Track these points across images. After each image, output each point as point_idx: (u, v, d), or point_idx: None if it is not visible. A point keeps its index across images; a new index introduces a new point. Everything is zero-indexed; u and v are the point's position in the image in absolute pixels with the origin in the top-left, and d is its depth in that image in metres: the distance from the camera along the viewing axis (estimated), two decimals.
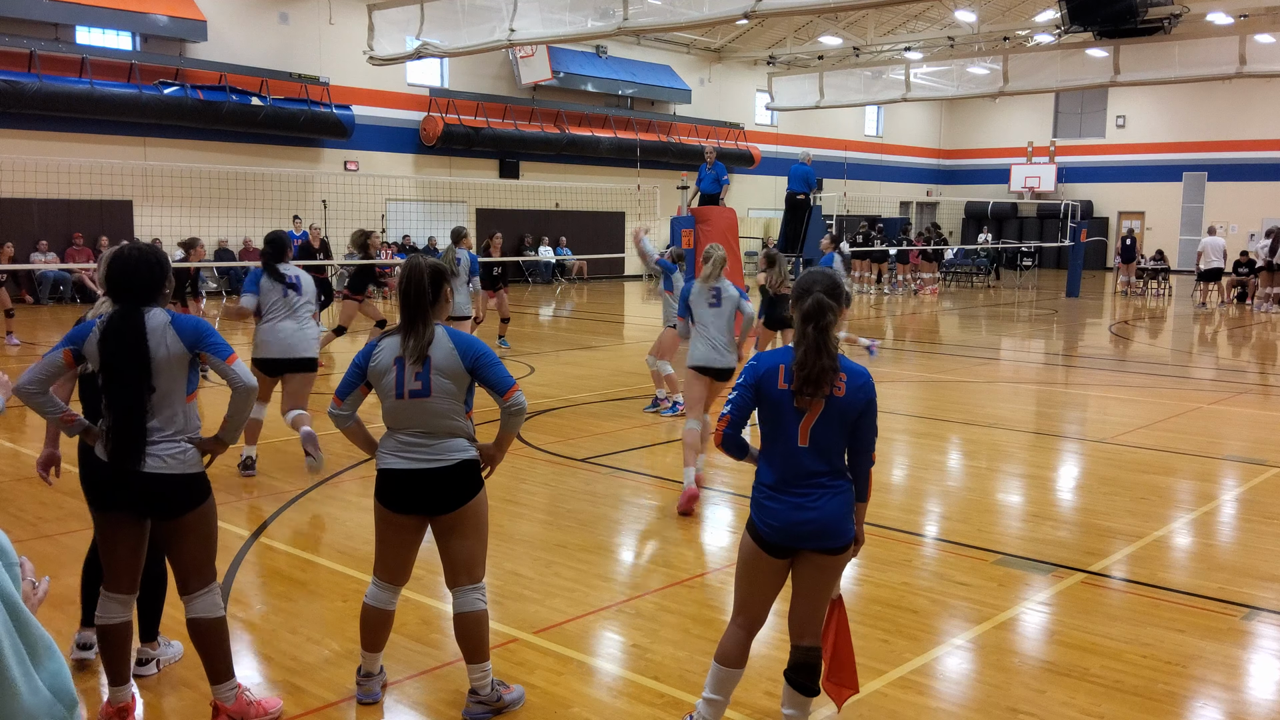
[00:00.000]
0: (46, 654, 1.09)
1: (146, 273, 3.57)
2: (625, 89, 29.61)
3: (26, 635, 1.06)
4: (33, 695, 1.05)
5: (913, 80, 28.53)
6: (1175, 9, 21.35)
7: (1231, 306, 23.94)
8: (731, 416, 3.47)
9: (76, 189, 18.65)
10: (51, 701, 1.07)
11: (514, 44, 19.06)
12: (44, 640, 1.08)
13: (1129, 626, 4.77)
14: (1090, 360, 14.65)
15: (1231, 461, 8.16)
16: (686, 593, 5.19)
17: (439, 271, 3.77)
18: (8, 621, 1.04)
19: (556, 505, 6.76)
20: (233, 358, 3.60)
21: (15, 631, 1.04)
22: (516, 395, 3.76)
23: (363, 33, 20.82)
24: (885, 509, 6.62)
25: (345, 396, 3.81)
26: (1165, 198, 35.98)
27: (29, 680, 1.05)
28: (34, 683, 1.06)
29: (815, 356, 3.29)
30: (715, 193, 16.73)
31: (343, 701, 3.97)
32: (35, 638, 1.08)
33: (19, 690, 1.03)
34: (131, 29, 21.03)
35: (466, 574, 3.82)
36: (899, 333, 17.75)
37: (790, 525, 3.36)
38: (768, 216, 32.63)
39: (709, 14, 17.51)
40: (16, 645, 1.04)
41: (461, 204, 26.45)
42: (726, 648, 3.53)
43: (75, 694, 1.09)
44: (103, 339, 3.50)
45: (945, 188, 41.80)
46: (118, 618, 3.69)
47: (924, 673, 4.28)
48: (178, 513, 3.59)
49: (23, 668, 1.05)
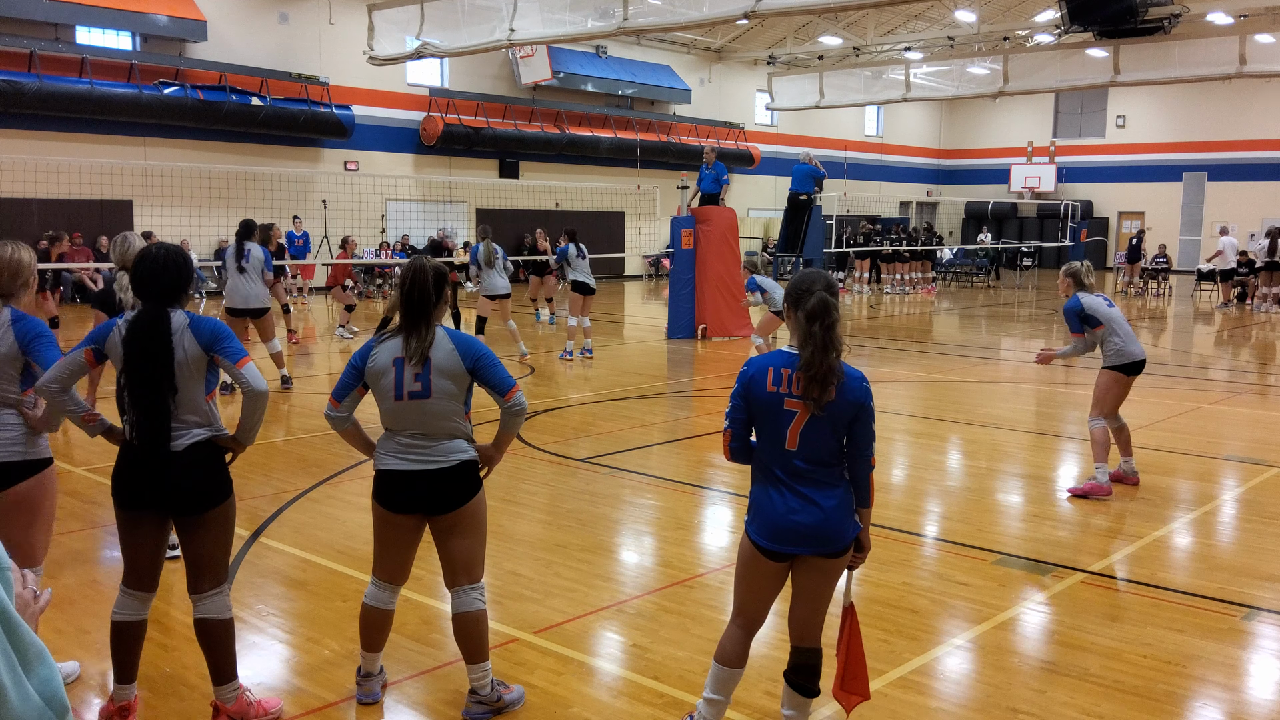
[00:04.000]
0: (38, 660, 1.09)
1: (175, 274, 3.60)
2: (625, 89, 29.60)
3: (17, 641, 1.05)
4: (23, 702, 1.05)
5: (913, 80, 28.53)
6: (1175, 9, 21.34)
7: (1231, 306, 23.95)
8: (733, 430, 3.46)
9: (76, 189, 18.64)
10: (42, 708, 1.06)
11: (514, 44, 19.06)
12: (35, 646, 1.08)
13: (1129, 626, 4.77)
14: (1090, 360, 14.62)
15: (1231, 461, 8.15)
16: (686, 593, 5.19)
17: (441, 273, 3.76)
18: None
19: (556, 505, 6.76)
20: (244, 361, 3.61)
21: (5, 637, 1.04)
22: (517, 396, 3.75)
23: (363, 33, 20.82)
24: (885, 509, 6.62)
25: (342, 398, 3.80)
26: (1165, 198, 35.98)
27: (19, 687, 1.05)
28: (24, 689, 1.05)
29: (823, 355, 3.27)
30: (715, 193, 16.75)
31: (343, 701, 3.97)
32: (26, 644, 1.07)
33: (9, 697, 1.03)
34: (131, 29, 21.03)
35: (466, 574, 3.81)
36: (897, 332, 17.75)
37: (786, 529, 3.34)
38: (767, 216, 32.64)
39: (709, 14, 17.51)
40: (7, 651, 1.04)
41: (461, 204, 26.45)
42: (726, 648, 3.53)
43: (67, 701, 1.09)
44: (128, 339, 3.52)
45: (945, 188, 41.80)
46: (134, 615, 3.71)
47: (924, 673, 4.28)
48: (200, 510, 3.61)
49: (13, 675, 1.04)
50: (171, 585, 4.92)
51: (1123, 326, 7.17)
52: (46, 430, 3.83)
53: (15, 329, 3.75)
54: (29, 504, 3.76)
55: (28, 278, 3.86)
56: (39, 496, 3.80)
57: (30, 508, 3.76)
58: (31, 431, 3.80)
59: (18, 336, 3.74)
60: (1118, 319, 7.16)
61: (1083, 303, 7.16)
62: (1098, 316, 7.14)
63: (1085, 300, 7.17)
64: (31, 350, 3.73)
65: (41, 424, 3.79)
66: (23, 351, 3.74)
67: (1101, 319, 7.13)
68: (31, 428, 3.79)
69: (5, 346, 3.73)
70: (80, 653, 4.33)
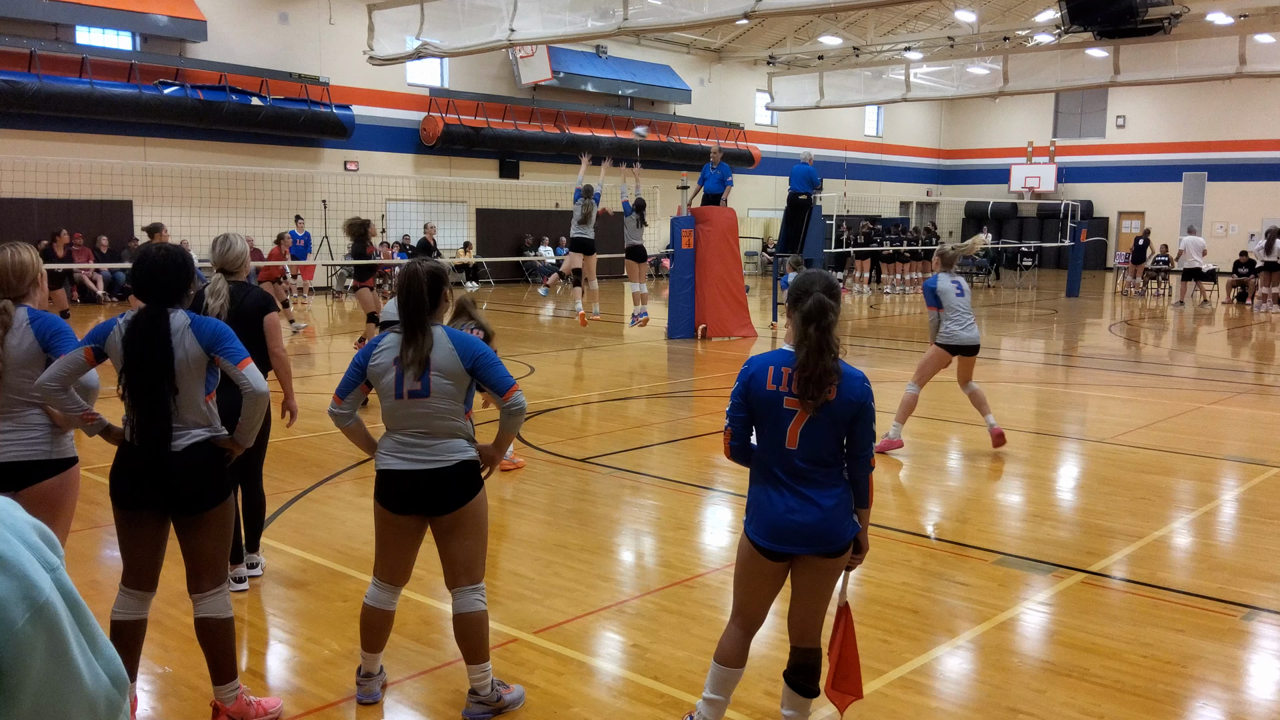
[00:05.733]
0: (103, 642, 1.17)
1: (173, 274, 3.60)
2: (625, 89, 29.59)
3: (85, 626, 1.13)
4: (95, 682, 1.13)
5: (913, 80, 28.52)
6: (1175, 9, 21.34)
7: (1231, 306, 23.95)
8: (733, 429, 3.46)
9: (76, 189, 18.65)
10: (109, 687, 1.15)
11: (514, 44, 19.06)
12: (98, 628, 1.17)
13: (1129, 626, 4.77)
14: (1090, 360, 14.65)
15: (1231, 461, 8.15)
16: (686, 593, 5.19)
17: (437, 277, 3.74)
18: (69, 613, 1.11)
19: (556, 505, 6.76)
20: (245, 362, 3.61)
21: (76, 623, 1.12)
22: (516, 395, 3.75)
23: (363, 33, 20.82)
24: (885, 509, 6.62)
25: (345, 396, 3.81)
26: (1165, 198, 35.97)
27: (91, 668, 1.13)
28: (95, 670, 1.13)
29: (818, 357, 3.26)
30: (718, 193, 16.73)
31: (343, 701, 3.97)
32: (94, 629, 1.15)
33: (84, 678, 1.11)
34: (131, 29, 21.02)
35: (466, 574, 3.81)
36: (897, 332, 17.75)
37: (784, 529, 3.34)
38: (767, 216, 32.62)
39: (709, 14, 17.51)
40: (79, 635, 1.12)
41: (462, 204, 26.44)
42: (726, 647, 3.53)
43: (126, 678, 1.18)
44: (128, 339, 3.53)
45: (945, 188, 41.79)
46: (134, 614, 3.72)
47: (924, 673, 4.28)
48: (199, 510, 3.62)
49: (85, 657, 1.12)
50: (171, 585, 4.92)
51: (962, 316, 8.11)
52: (72, 429, 3.83)
53: (34, 327, 3.75)
54: (51, 502, 3.75)
55: (35, 276, 3.85)
56: (61, 495, 3.81)
57: (52, 506, 3.76)
58: (58, 430, 3.80)
59: (37, 334, 3.74)
60: (960, 307, 8.09)
61: (938, 284, 8.11)
62: (941, 299, 8.06)
63: (940, 282, 8.10)
64: (52, 347, 3.73)
65: (67, 422, 3.79)
66: (44, 349, 3.74)
67: (944, 304, 8.07)
68: (58, 425, 3.79)
69: (26, 345, 3.73)
70: None
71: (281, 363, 5.01)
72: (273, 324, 4.95)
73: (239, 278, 4.89)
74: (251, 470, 5.17)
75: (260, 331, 4.86)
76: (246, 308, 4.82)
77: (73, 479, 3.86)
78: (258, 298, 4.96)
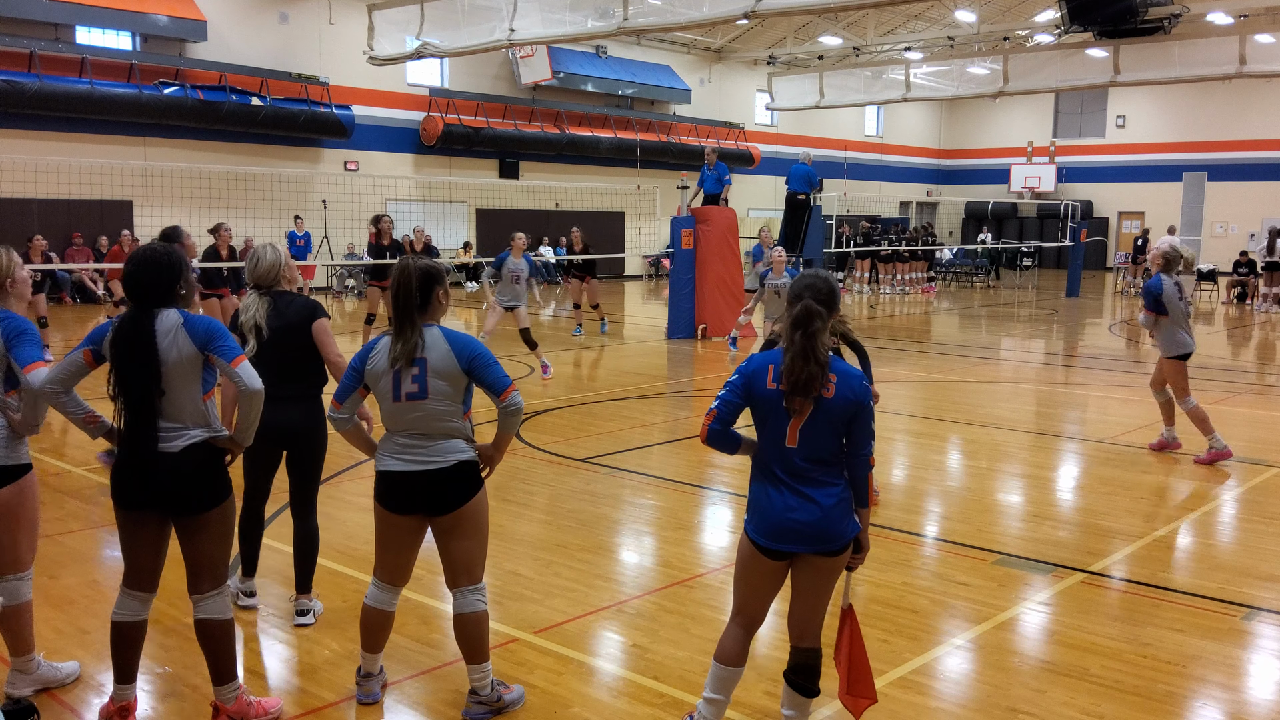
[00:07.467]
0: None
1: (155, 274, 3.54)
2: (625, 89, 29.60)
3: None
4: None
5: (913, 80, 28.53)
6: (1175, 9, 21.34)
7: (1231, 306, 23.96)
8: (718, 412, 3.45)
9: (76, 189, 18.63)
10: None
11: (514, 44, 19.06)
12: None
13: (1129, 626, 4.77)
14: (1090, 360, 14.65)
15: (1231, 461, 8.15)
16: (686, 593, 5.19)
17: (429, 274, 3.72)
18: None
19: (556, 505, 6.76)
20: (239, 360, 3.58)
21: None
22: (513, 395, 3.74)
23: (363, 33, 20.82)
24: (885, 509, 6.62)
25: (344, 400, 3.80)
26: (1165, 198, 35.97)
27: None
28: None
29: (803, 363, 3.26)
30: (717, 193, 16.75)
31: (343, 701, 3.97)
32: None
33: None
34: (131, 29, 21.03)
35: (466, 575, 3.81)
36: (897, 332, 17.75)
37: (784, 527, 3.34)
38: (767, 216, 32.61)
39: (709, 14, 17.51)
40: None
41: (461, 204, 26.45)
42: (726, 647, 3.53)
43: None
44: (113, 341, 3.52)
45: (945, 188, 41.80)
46: (135, 615, 3.70)
47: (924, 673, 4.28)
48: (199, 511, 3.61)
49: None
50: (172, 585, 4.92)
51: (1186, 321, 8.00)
52: (28, 433, 3.76)
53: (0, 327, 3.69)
54: (9, 511, 3.71)
55: (4, 278, 3.81)
56: (19, 503, 3.75)
57: (10, 514, 3.72)
58: (13, 435, 3.73)
59: (3, 335, 3.67)
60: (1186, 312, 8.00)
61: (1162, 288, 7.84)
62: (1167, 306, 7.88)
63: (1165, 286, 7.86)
64: (12, 347, 3.66)
65: (23, 426, 3.73)
66: (5, 348, 3.67)
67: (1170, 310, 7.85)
68: (13, 430, 3.73)
69: None
70: (80, 653, 4.33)
71: (339, 370, 4.37)
72: (322, 330, 4.63)
73: (281, 287, 4.65)
74: (306, 501, 4.83)
75: (310, 341, 4.59)
76: (290, 318, 4.57)
77: (29, 486, 3.79)
78: (302, 306, 4.65)
